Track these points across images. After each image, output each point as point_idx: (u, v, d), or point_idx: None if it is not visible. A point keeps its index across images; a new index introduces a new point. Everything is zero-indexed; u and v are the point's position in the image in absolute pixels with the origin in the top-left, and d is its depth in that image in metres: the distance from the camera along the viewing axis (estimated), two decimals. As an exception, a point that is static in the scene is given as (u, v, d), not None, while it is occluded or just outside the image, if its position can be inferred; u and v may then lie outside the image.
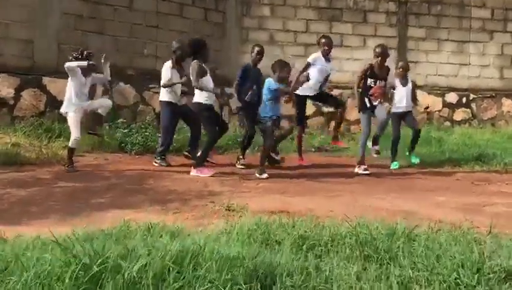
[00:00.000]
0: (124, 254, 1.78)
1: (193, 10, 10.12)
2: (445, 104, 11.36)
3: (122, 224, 2.83)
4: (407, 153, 7.60)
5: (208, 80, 6.13)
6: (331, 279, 1.96)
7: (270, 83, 6.49)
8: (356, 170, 6.57)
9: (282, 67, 6.38)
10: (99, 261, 1.68)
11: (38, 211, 3.76)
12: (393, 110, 7.55)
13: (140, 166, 6.34)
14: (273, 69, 6.50)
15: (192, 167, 5.86)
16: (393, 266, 2.14)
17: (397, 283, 2.00)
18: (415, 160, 7.44)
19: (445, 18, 11.42)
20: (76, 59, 6.13)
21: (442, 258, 2.13)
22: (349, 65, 10.87)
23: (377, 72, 6.77)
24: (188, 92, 6.84)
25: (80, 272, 1.65)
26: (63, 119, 7.95)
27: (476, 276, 1.99)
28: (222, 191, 4.85)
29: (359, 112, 6.94)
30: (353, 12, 11.09)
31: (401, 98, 7.47)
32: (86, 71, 6.06)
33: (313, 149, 9.09)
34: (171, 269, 1.71)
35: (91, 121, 6.36)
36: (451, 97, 11.40)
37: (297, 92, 7.24)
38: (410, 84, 7.60)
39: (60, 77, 8.30)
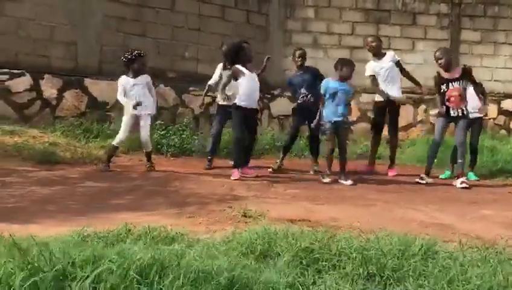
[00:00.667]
0: (88, 261, 1.62)
1: (235, 13, 10.02)
2: (501, 112, 10.65)
3: (121, 227, 2.68)
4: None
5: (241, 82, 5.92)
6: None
7: (327, 82, 6.08)
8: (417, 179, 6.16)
9: (343, 65, 6.02)
10: (56, 267, 1.53)
11: (54, 210, 3.71)
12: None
13: (173, 168, 6.25)
14: (335, 67, 6.14)
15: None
16: (399, 287, 1.86)
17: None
18: (473, 177, 6.77)
19: (502, 20, 10.74)
20: (127, 60, 6.12)
21: (455, 282, 1.83)
22: (397, 69, 10.40)
23: (444, 76, 6.31)
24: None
25: (32, 278, 1.50)
26: (102, 120, 8.14)
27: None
28: (247, 196, 4.65)
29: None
30: (401, 14, 10.64)
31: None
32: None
33: (354, 156, 8.73)
34: (133, 280, 1.53)
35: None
36: (508, 104, 10.68)
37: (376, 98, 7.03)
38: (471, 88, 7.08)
39: (102, 79, 8.46)
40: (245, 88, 5.85)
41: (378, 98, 7.05)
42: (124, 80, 6.10)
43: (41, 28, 8.22)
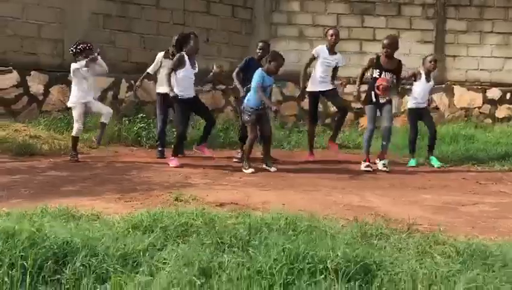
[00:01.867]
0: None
1: (220, 7, 10.25)
2: (486, 101, 10.69)
3: (39, 208, 2.97)
4: (427, 156, 7.15)
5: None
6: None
7: (258, 73, 6.25)
8: (361, 167, 6.37)
9: (272, 59, 6.20)
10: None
11: (4, 195, 3.99)
12: (411, 105, 7.22)
13: (143, 158, 6.52)
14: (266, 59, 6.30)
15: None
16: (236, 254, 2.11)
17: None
18: (436, 163, 6.93)
19: (488, 9, 10.74)
20: (75, 54, 6.43)
21: (274, 248, 2.06)
22: (382, 60, 10.50)
23: (383, 63, 6.53)
24: None
25: None
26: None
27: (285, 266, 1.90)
28: (198, 184, 4.91)
29: (363, 105, 6.75)
30: (386, 5, 10.72)
31: (422, 93, 7.12)
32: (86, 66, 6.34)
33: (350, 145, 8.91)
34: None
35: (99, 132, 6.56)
36: (494, 93, 10.70)
37: (308, 88, 7.22)
38: (432, 82, 7.26)
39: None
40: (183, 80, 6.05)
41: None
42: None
43: (28, 26, 8.57)
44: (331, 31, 7.30)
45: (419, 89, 7.12)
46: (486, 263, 2.21)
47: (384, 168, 6.31)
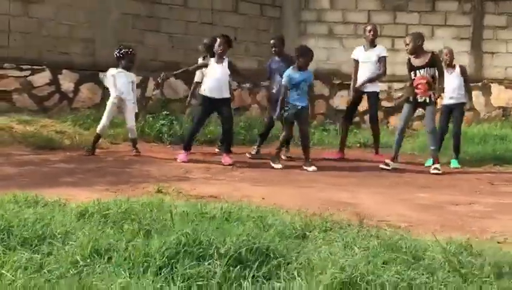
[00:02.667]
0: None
1: (248, 6, 10.31)
2: (529, 99, 10.13)
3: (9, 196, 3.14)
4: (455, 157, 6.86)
5: None
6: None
7: (287, 72, 6.31)
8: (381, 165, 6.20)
9: (301, 55, 6.19)
10: None
11: (3, 185, 4.23)
12: (443, 102, 7.01)
13: (158, 154, 6.67)
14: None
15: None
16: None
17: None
18: (454, 164, 6.67)
19: (531, 3, 10.19)
20: (118, 58, 6.69)
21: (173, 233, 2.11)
22: (415, 57, 10.21)
23: (413, 62, 6.33)
24: None
25: None
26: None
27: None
28: (195, 178, 4.99)
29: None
30: (420, 0, 10.40)
31: (450, 88, 6.85)
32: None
33: (358, 145, 8.76)
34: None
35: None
36: (536, 91, 10.14)
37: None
38: (456, 73, 6.97)
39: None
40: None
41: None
42: (113, 71, 6.65)
43: (61, 26, 8.98)
44: (369, 27, 7.25)
45: (446, 84, 6.86)
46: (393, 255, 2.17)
47: (435, 171, 5.97)
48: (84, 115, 8.37)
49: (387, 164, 6.15)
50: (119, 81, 6.62)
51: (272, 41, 7.16)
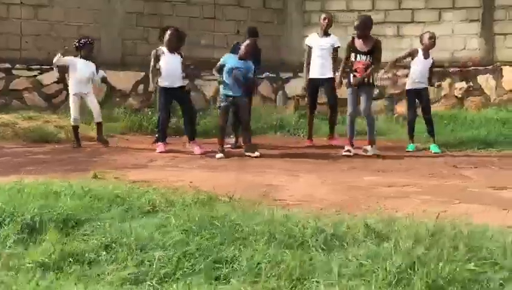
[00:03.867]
0: None
1: (251, -1, 10.44)
2: (543, 81, 9.64)
3: None
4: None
5: None
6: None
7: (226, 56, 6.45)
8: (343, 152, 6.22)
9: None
10: None
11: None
12: (408, 86, 6.89)
13: (142, 145, 6.95)
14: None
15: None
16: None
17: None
18: (435, 149, 6.55)
19: (546, -22, 9.68)
20: (77, 48, 7.06)
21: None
22: (422, 43, 9.97)
23: (357, 45, 6.32)
24: None
25: None
26: (117, 105, 9.21)
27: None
28: (153, 166, 5.22)
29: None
30: (426, -17, 10.12)
31: (419, 72, 6.76)
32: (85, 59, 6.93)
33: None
34: None
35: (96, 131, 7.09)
36: (552, 72, 9.63)
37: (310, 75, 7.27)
38: (431, 60, 6.85)
39: (121, 69, 9.55)
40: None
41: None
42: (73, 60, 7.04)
43: (70, 27, 9.50)
44: (323, 15, 7.29)
45: (417, 68, 6.76)
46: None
47: (375, 152, 6.09)
48: (86, 111, 8.82)
49: (348, 151, 6.14)
50: (78, 71, 6.93)
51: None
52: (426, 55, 6.77)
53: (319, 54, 7.15)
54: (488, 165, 5.36)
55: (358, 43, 6.31)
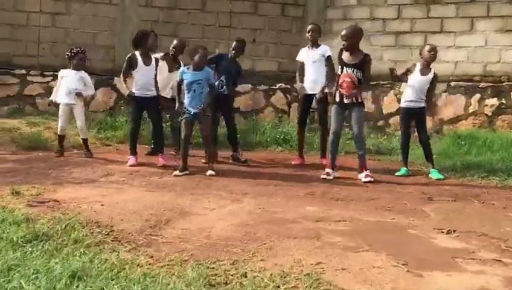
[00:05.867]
0: None
1: (269, 6, 10.10)
2: None
3: None
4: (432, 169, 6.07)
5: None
6: None
7: (181, 69, 6.10)
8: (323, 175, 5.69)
9: (190, 54, 5.87)
10: None
11: None
12: (402, 104, 6.24)
13: (122, 157, 6.78)
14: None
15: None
16: None
17: None
18: (436, 176, 5.89)
19: None
20: (70, 58, 7.04)
21: None
22: (452, 54, 9.18)
23: (344, 58, 5.74)
24: None
25: None
26: (127, 113, 9.18)
27: None
28: (102, 181, 5.02)
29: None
30: (457, -10, 9.28)
31: (414, 89, 6.09)
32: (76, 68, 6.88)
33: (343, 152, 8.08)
34: None
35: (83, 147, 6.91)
36: None
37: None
38: (431, 76, 6.13)
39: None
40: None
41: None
42: (63, 73, 6.95)
43: (85, 35, 9.65)
44: (309, 27, 6.84)
45: (411, 85, 6.08)
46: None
47: (368, 179, 5.49)
48: (89, 118, 8.86)
49: (328, 174, 5.61)
50: (67, 82, 6.85)
51: (234, 44, 6.93)
52: (424, 71, 6.08)
53: (311, 67, 6.67)
54: (470, 198, 4.64)
55: (346, 55, 5.76)
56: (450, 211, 4.10)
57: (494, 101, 8.79)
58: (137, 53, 6.34)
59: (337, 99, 5.73)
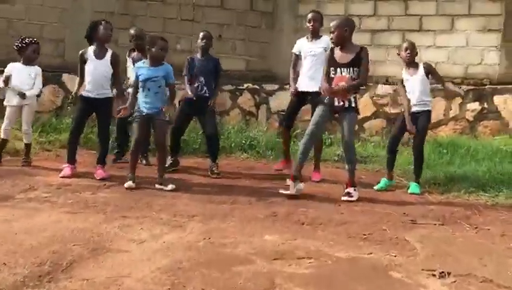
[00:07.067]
0: None
1: (236, 0, 9.28)
2: None
3: None
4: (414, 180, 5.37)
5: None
6: None
7: (138, 63, 5.22)
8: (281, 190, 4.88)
9: (151, 44, 4.98)
10: None
11: None
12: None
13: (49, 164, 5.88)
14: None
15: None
16: None
17: None
18: (413, 189, 5.22)
19: None
20: (18, 49, 6.08)
21: None
22: (431, 55, 8.53)
23: (336, 56, 4.91)
24: None
25: None
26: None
27: None
28: (18, 199, 4.13)
29: None
30: (438, -14, 8.64)
31: (412, 94, 5.36)
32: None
33: (336, 158, 7.35)
34: None
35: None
36: None
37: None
38: (421, 72, 5.38)
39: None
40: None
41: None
42: (9, 67, 6.01)
43: (31, 26, 8.66)
44: (309, 15, 5.94)
45: (409, 92, 5.35)
46: None
47: (346, 198, 4.67)
48: (36, 120, 7.90)
49: (286, 187, 4.83)
50: (16, 79, 5.92)
51: (201, 34, 6.09)
52: (412, 71, 5.35)
53: (310, 61, 5.77)
54: (460, 221, 3.93)
55: (338, 54, 4.91)
56: (439, 240, 3.36)
57: (475, 106, 8.19)
58: (90, 47, 5.46)
59: (326, 100, 4.89)
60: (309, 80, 5.75)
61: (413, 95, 5.37)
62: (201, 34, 6.07)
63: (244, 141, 7.59)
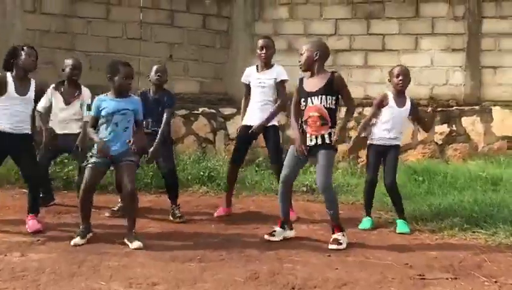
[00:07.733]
0: None
1: (188, 17, 8.57)
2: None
3: None
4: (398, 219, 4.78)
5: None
6: None
7: (97, 100, 4.24)
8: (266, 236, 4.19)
9: (113, 73, 4.14)
10: None
11: None
12: (371, 140, 4.87)
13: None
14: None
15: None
16: None
17: None
18: (403, 229, 4.63)
19: (545, 2, 7.92)
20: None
21: None
22: (395, 75, 8.08)
23: (305, 86, 4.20)
24: None
25: None
26: None
27: None
28: None
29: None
30: (400, 4, 8.32)
31: (388, 124, 4.76)
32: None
33: (304, 189, 6.71)
34: None
35: None
36: (553, 116, 7.76)
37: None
38: (408, 106, 4.82)
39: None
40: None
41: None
42: None
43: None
44: (260, 42, 5.24)
45: (385, 118, 4.75)
46: None
47: (334, 246, 3.96)
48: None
49: (272, 234, 4.12)
50: None
51: (155, 68, 5.23)
52: (400, 102, 4.76)
53: (258, 93, 5.12)
54: (473, 272, 3.33)
55: (307, 83, 4.20)
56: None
57: (444, 128, 7.84)
58: (9, 74, 4.50)
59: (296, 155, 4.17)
60: (259, 111, 5.11)
61: (392, 127, 4.79)
62: (154, 68, 5.19)
63: (202, 173, 6.80)
